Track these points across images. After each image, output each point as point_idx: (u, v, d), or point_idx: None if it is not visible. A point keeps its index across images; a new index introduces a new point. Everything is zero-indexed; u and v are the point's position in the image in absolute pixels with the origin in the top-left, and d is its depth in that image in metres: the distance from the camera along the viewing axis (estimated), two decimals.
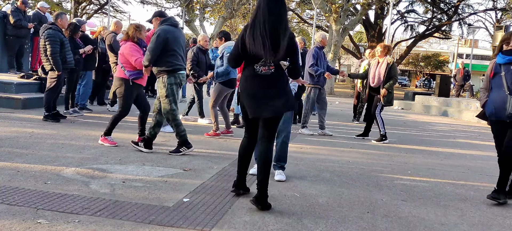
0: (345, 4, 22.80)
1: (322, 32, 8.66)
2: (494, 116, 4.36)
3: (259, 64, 3.63)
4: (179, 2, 28.36)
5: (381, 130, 7.72)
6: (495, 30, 20.32)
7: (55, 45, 7.15)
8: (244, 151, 3.90)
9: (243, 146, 3.91)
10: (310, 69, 7.78)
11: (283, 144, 4.78)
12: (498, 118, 4.32)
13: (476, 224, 3.73)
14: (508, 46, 4.30)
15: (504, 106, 4.22)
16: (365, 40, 35.34)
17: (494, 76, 4.39)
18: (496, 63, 4.39)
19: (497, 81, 4.35)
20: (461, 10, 32.03)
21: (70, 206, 3.37)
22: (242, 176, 3.95)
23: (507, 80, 4.26)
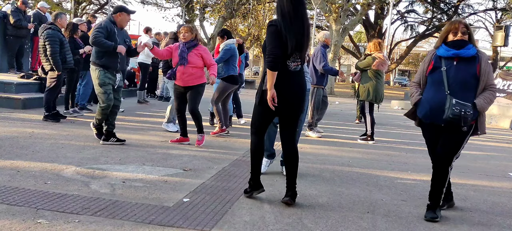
0: (345, 4, 22.79)
1: (325, 32, 8.61)
2: (428, 118, 3.72)
3: (290, 60, 3.65)
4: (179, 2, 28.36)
5: (368, 129, 7.65)
6: (495, 30, 20.30)
7: (54, 45, 7.15)
8: (258, 150, 3.87)
9: (256, 145, 3.86)
10: (323, 69, 7.65)
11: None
12: (433, 121, 3.70)
13: (476, 224, 3.73)
14: (456, 36, 3.64)
15: (442, 108, 3.57)
16: (365, 40, 35.34)
17: (433, 71, 3.71)
18: (436, 55, 3.73)
19: (436, 77, 3.68)
20: (461, 10, 32.03)
21: (70, 206, 3.37)
22: (258, 174, 3.92)
23: (448, 78, 3.61)
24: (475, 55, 3.60)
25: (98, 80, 5.74)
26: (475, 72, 3.59)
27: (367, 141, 7.63)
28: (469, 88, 3.60)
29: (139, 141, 6.19)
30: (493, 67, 29.05)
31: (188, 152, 5.72)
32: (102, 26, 5.69)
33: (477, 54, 3.61)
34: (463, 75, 3.59)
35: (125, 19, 5.92)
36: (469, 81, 3.60)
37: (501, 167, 6.30)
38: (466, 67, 3.60)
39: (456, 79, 3.59)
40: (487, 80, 3.60)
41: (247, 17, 31.30)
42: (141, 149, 5.71)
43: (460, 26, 3.65)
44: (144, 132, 7.00)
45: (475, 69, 3.59)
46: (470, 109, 3.52)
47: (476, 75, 3.59)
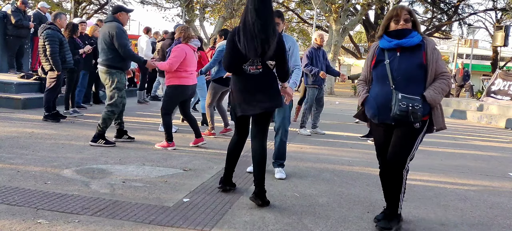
0: (345, 4, 22.79)
1: (319, 32, 8.64)
2: (377, 117, 3.38)
3: (247, 64, 3.75)
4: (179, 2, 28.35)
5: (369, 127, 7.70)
6: (495, 30, 20.30)
7: (54, 45, 7.15)
8: (233, 149, 4.05)
9: (232, 144, 4.05)
10: (305, 69, 7.78)
11: (281, 142, 4.84)
12: (382, 120, 3.35)
13: (476, 224, 3.73)
14: (398, 24, 3.29)
15: (389, 105, 3.24)
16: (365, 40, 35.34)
17: (376, 65, 3.37)
18: (379, 48, 3.40)
19: (379, 72, 3.34)
20: (461, 10, 32.00)
21: (70, 206, 3.37)
22: (230, 173, 4.09)
23: (392, 71, 3.27)
24: (419, 43, 3.26)
25: (118, 84, 5.73)
26: (420, 62, 3.25)
27: (366, 140, 7.67)
28: (416, 80, 3.26)
29: (139, 141, 6.19)
30: (493, 67, 29.07)
31: (188, 152, 5.72)
32: (124, 31, 5.70)
33: (423, 42, 3.28)
34: (407, 66, 3.25)
35: (125, 18, 5.94)
36: (414, 72, 3.25)
37: (501, 167, 6.30)
38: (410, 57, 3.26)
39: (400, 71, 3.25)
40: (436, 68, 3.25)
41: None
42: (141, 149, 5.71)
43: (403, 12, 3.30)
44: (144, 132, 7.00)
45: (421, 58, 3.25)
46: (418, 103, 3.16)
47: (422, 65, 3.25)
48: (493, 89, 14.85)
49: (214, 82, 7.11)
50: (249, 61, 3.74)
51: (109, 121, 5.77)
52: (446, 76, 3.27)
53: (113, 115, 5.79)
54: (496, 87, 14.81)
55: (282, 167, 4.86)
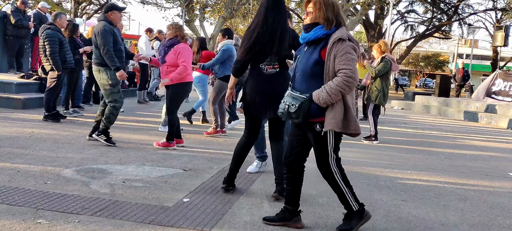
0: (345, 4, 22.79)
1: None
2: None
3: (264, 63, 3.76)
4: (179, 2, 28.35)
5: (372, 129, 7.71)
6: (495, 30, 20.31)
7: (54, 45, 7.15)
8: (241, 149, 4.02)
9: (241, 145, 4.02)
10: None
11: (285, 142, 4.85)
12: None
13: (476, 224, 3.73)
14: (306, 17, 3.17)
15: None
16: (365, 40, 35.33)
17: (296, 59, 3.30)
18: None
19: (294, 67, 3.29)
20: (461, 10, 32.00)
21: (70, 206, 3.37)
22: (235, 173, 4.07)
23: (295, 67, 3.22)
24: (322, 36, 3.09)
25: (111, 81, 5.72)
26: (317, 58, 3.08)
27: (371, 141, 7.65)
28: (312, 77, 3.09)
29: (139, 141, 6.19)
30: (493, 67, 29.06)
31: (188, 152, 5.72)
32: (106, 33, 5.63)
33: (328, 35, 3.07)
34: (305, 62, 3.14)
35: (117, 17, 5.94)
36: (311, 69, 3.10)
37: (501, 167, 6.30)
38: (311, 53, 3.13)
39: (299, 68, 3.17)
40: (336, 65, 2.99)
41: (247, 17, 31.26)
42: (141, 149, 5.71)
43: (307, 5, 3.15)
44: (144, 132, 7.00)
45: (319, 54, 3.08)
46: (297, 102, 3.04)
47: (319, 61, 3.07)
48: (494, 89, 14.84)
49: (221, 80, 7.10)
50: (267, 60, 3.73)
51: (112, 117, 5.79)
52: (342, 73, 2.97)
53: (116, 111, 5.81)
54: (496, 88, 14.81)
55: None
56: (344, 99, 3.04)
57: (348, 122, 3.06)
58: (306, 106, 3.04)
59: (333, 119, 3.02)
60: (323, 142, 3.15)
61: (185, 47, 5.86)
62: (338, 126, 3.03)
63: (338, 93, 2.98)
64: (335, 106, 3.03)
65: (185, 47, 5.86)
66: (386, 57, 7.55)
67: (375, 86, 7.52)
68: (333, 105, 3.02)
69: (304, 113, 3.05)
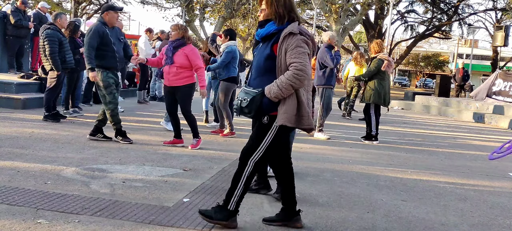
0: (345, 4, 22.81)
1: (329, 32, 8.62)
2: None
3: None
4: (179, 2, 28.36)
5: (372, 129, 7.70)
6: (495, 30, 20.30)
7: (53, 45, 7.16)
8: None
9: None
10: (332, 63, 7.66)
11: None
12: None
13: (476, 224, 3.73)
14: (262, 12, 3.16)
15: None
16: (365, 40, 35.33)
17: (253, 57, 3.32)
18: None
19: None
20: (461, 10, 32.03)
21: (70, 206, 3.37)
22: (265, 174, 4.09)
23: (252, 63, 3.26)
24: (274, 32, 3.09)
25: (102, 82, 5.78)
26: (269, 53, 3.09)
27: (371, 141, 7.64)
28: (266, 72, 3.10)
29: (139, 141, 6.19)
30: (493, 67, 29.06)
31: (188, 152, 5.72)
32: (93, 33, 5.71)
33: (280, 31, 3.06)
34: (258, 58, 3.17)
35: (113, 17, 5.95)
36: (262, 63, 3.12)
37: (501, 167, 6.30)
38: (264, 48, 3.15)
39: (254, 63, 3.21)
40: (288, 59, 2.99)
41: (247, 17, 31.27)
42: (141, 149, 5.71)
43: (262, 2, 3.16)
44: (144, 132, 7.00)
45: (270, 49, 3.09)
46: (249, 97, 3.05)
47: (271, 56, 3.08)
48: (494, 90, 14.84)
49: (226, 82, 7.08)
50: None
51: (115, 117, 5.89)
52: (293, 67, 2.96)
53: (114, 110, 5.87)
54: (497, 88, 14.81)
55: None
56: (297, 93, 3.02)
57: (301, 117, 3.04)
58: (258, 101, 3.04)
59: (285, 113, 3.02)
60: (264, 134, 3.11)
61: (194, 50, 6.01)
62: (291, 121, 3.02)
63: (289, 87, 2.96)
64: (287, 101, 3.01)
65: (194, 50, 6.01)
66: (377, 56, 7.55)
67: (369, 86, 7.53)
68: (286, 100, 3.01)
69: (256, 108, 3.05)
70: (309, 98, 3.21)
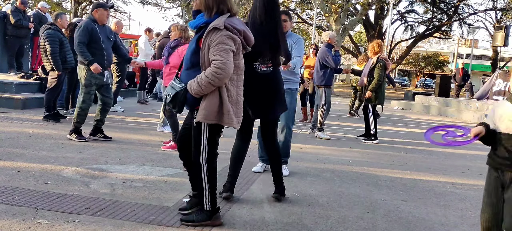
0: (345, 4, 22.81)
1: (329, 32, 8.67)
2: None
3: (258, 62, 3.71)
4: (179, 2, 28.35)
5: (371, 128, 7.72)
6: (495, 30, 20.30)
7: (54, 45, 7.16)
8: (238, 153, 3.94)
9: (236, 149, 3.94)
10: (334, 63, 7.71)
11: (286, 141, 4.90)
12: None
13: (476, 224, 3.73)
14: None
15: None
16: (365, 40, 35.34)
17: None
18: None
19: None
20: (461, 10, 32.04)
21: (70, 206, 3.37)
22: (235, 179, 3.94)
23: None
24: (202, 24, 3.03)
25: (84, 81, 5.84)
26: (195, 47, 3.05)
27: (371, 141, 7.65)
28: (192, 67, 3.07)
29: (139, 141, 6.19)
30: (493, 67, 29.07)
31: None
32: (82, 29, 5.74)
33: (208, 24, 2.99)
34: (187, 52, 3.14)
35: (103, 14, 5.96)
36: (189, 58, 3.10)
37: None
38: (193, 42, 3.10)
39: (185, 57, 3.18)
40: (210, 55, 2.93)
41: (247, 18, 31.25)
42: (141, 149, 5.71)
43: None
44: (144, 132, 7.00)
45: (196, 42, 3.05)
46: (173, 92, 3.05)
47: (196, 50, 3.04)
48: (495, 90, 14.85)
49: None
50: (260, 59, 3.70)
51: (81, 116, 5.88)
52: (213, 64, 2.91)
53: (83, 111, 5.87)
54: (497, 88, 14.81)
55: (285, 164, 4.93)
56: (219, 90, 2.98)
57: (222, 114, 3.01)
58: (182, 96, 3.02)
59: (203, 110, 2.99)
60: (197, 133, 3.09)
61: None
62: (208, 117, 2.99)
63: (208, 85, 2.91)
64: (209, 97, 2.97)
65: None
66: (380, 58, 7.56)
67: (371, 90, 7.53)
68: (207, 96, 2.97)
69: (180, 103, 3.03)
70: (239, 93, 3.15)
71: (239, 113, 3.15)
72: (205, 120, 3.00)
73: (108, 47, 6.04)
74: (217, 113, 2.99)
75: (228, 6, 3.04)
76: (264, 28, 3.64)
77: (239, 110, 3.13)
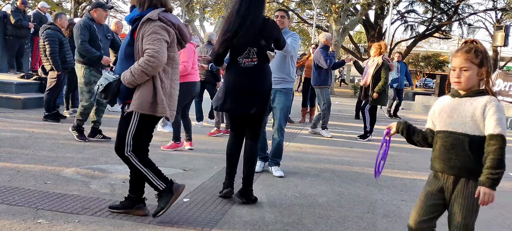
0: (345, 4, 22.80)
1: (326, 33, 8.74)
2: None
3: (242, 56, 3.67)
4: (179, 2, 28.35)
5: (367, 126, 7.78)
6: (495, 30, 20.30)
7: (54, 45, 7.16)
8: (231, 150, 3.93)
9: (230, 146, 3.94)
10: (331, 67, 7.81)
11: (278, 140, 4.85)
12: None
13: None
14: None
15: None
16: (365, 40, 35.33)
17: None
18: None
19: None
20: (461, 10, 32.00)
21: (70, 206, 3.37)
22: (233, 176, 3.93)
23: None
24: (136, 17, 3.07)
25: (84, 79, 5.85)
26: (129, 39, 3.09)
27: (366, 138, 7.72)
28: (126, 58, 3.09)
29: None
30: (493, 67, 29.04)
31: (188, 152, 5.72)
32: (82, 27, 5.73)
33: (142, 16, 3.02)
34: (122, 44, 3.18)
35: (102, 14, 5.98)
36: (123, 49, 3.13)
37: None
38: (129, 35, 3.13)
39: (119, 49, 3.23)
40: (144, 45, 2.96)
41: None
42: None
43: None
44: None
45: (130, 34, 3.08)
46: (106, 82, 3.05)
47: (130, 42, 3.08)
48: (495, 90, 14.85)
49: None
50: (245, 53, 3.66)
51: (82, 115, 5.88)
52: (146, 53, 2.93)
53: (86, 110, 5.87)
54: (497, 88, 14.81)
55: (278, 165, 4.89)
56: (153, 80, 2.99)
57: (156, 104, 3.02)
58: (115, 87, 3.03)
59: (137, 99, 3.01)
60: (125, 124, 3.10)
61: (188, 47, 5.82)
62: (142, 107, 3.00)
63: (141, 73, 2.93)
64: (143, 87, 2.99)
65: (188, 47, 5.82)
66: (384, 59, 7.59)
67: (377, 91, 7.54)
68: (141, 86, 2.99)
69: (112, 94, 3.05)
70: (173, 87, 3.14)
71: (173, 107, 3.15)
72: (139, 109, 3.01)
73: (105, 46, 6.06)
74: (150, 103, 3.01)
75: (162, 1, 3.09)
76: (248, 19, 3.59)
77: (172, 103, 3.14)
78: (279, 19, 4.76)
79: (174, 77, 3.16)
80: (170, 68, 3.11)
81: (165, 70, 3.08)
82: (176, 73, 3.20)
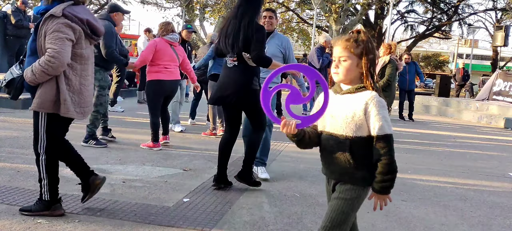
0: (345, 4, 22.80)
1: (325, 34, 8.79)
2: None
3: (228, 55, 4.00)
4: (179, 2, 28.35)
5: None
6: (495, 30, 20.31)
7: None
8: (224, 146, 4.12)
9: (223, 141, 4.13)
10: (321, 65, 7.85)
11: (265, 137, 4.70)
12: None
13: (476, 224, 3.73)
14: None
15: None
16: None
17: None
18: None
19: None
20: (461, 10, 31.99)
21: (70, 206, 3.37)
22: (223, 170, 4.11)
23: None
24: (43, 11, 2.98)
25: (101, 82, 5.76)
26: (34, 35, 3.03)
27: None
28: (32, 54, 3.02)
29: (139, 141, 6.18)
30: (493, 67, 29.06)
31: (188, 152, 5.72)
32: (109, 34, 5.49)
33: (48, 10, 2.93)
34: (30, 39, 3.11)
35: (120, 18, 6.00)
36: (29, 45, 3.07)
37: (501, 167, 6.30)
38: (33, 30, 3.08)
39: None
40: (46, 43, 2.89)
41: None
42: (141, 149, 5.71)
43: None
44: (144, 132, 6.99)
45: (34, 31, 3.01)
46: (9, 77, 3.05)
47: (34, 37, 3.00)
48: (495, 90, 14.84)
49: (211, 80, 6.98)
50: (231, 53, 3.95)
51: (96, 121, 5.74)
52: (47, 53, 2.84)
53: (99, 115, 5.78)
54: (497, 88, 14.81)
55: (264, 165, 4.69)
56: (56, 79, 2.91)
57: (59, 104, 2.96)
58: (18, 83, 3.00)
59: (37, 98, 2.95)
60: (35, 121, 3.09)
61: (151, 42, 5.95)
62: (43, 106, 2.95)
63: (41, 73, 2.85)
64: (44, 85, 2.91)
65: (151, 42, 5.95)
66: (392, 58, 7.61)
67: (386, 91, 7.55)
68: (43, 84, 2.91)
69: (16, 90, 3.03)
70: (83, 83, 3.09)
71: (83, 104, 3.09)
72: (39, 109, 2.97)
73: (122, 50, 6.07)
74: (53, 102, 2.94)
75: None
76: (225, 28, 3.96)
77: (82, 100, 3.07)
78: (267, 20, 4.59)
79: (84, 73, 3.05)
80: (78, 64, 3.01)
81: (73, 67, 2.97)
82: (86, 70, 3.08)
